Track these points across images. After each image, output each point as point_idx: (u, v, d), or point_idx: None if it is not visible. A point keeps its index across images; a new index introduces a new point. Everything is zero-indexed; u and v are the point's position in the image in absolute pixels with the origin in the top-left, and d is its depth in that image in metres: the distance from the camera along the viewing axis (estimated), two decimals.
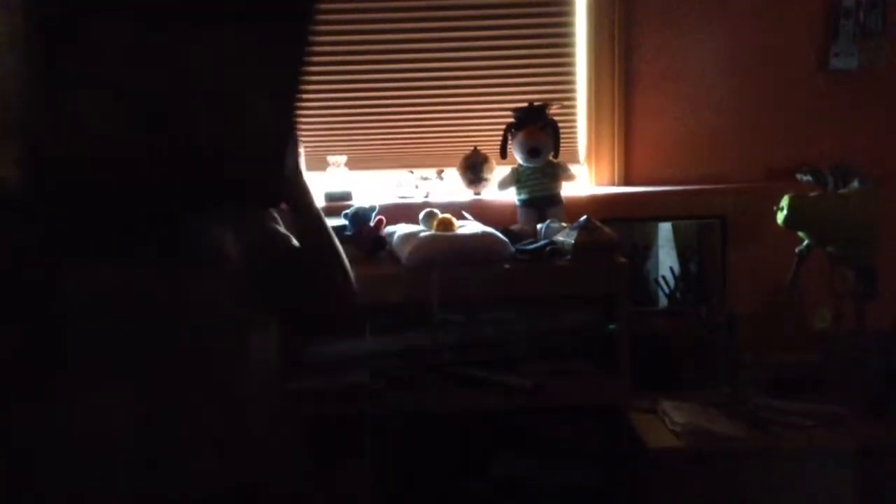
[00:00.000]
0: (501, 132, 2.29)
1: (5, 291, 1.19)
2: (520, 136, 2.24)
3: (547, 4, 2.40)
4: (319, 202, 2.32)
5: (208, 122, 1.18)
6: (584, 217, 2.03)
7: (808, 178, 2.29)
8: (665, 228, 2.44)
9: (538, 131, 2.23)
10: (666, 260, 2.42)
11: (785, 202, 2.13)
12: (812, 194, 2.18)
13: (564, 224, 2.11)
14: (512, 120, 2.27)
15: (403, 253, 1.96)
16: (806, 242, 2.21)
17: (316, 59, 2.46)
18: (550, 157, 2.26)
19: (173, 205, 1.29)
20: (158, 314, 1.26)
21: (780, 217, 2.14)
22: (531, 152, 2.22)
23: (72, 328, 1.22)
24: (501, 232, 2.03)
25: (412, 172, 2.40)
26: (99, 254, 1.24)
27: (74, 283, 1.22)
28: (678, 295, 2.33)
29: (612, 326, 2.01)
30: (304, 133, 2.43)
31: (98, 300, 1.22)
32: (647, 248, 2.43)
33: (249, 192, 1.29)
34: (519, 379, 1.97)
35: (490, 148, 2.38)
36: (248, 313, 1.34)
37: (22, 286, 1.17)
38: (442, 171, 2.42)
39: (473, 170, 2.37)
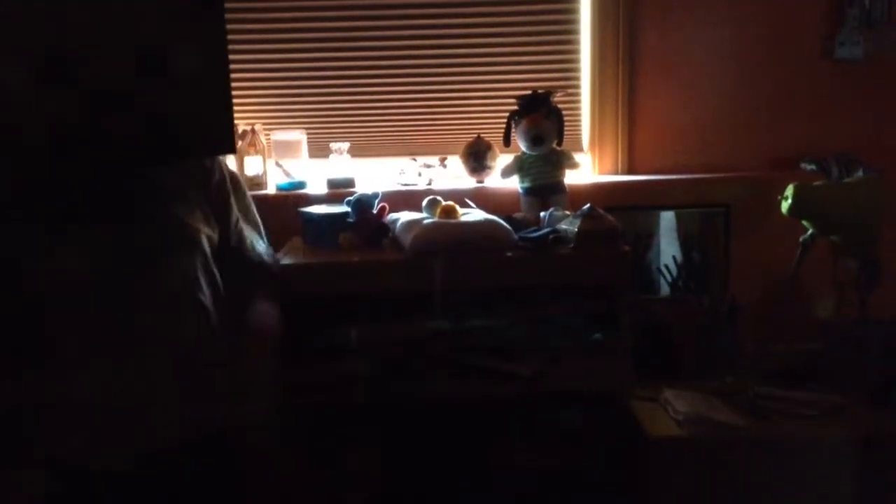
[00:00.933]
0: (505, 120, 2.28)
1: None
2: (523, 123, 2.23)
3: None
4: (322, 189, 2.34)
5: (140, 80, 1.19)
6: (588, 205, 2.02)
7: (812, 167, 2.29)
8: (667, 217, 2.44)
9: (542, 119, 2.22)
10: (668, 249, 2.42)
11: (789, 191, 2.13)
12: (816, 183, 2.18)
13: (567, 212, 2.10)
14: (515, 107, 2.26)
15: (406, 240, 1.95)
16: (810, 232, 2.20)
17: (318, 46, 2.49)
18: (554, 145, 2.25)
19: (122, 165, 1.31)
20: (120, 281, 1.29)
21: (785, 206, 2.14)
22: (535, 140, 2.21)
23: (41, 302, 1.25)
24: (504, 220, 2.02)
25: (415, 160, 2.40)
26: (57, 227, 1.26)
27: (38, 259, 1.24)
28: (681, 284, 2.33)
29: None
30: (306, 120, 2.43)
31: (62, 272, 1.25)
32: (649, 237, 2.43)
33: (195, 143, 1.32)
34: (520, 367, 1.97)
35: (493, 135, 2.37)
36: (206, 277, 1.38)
37: None
38: (445, 159, 2.42)
39: (476, 157, 2.36)
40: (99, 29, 1.16)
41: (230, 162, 2.36)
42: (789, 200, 2.13)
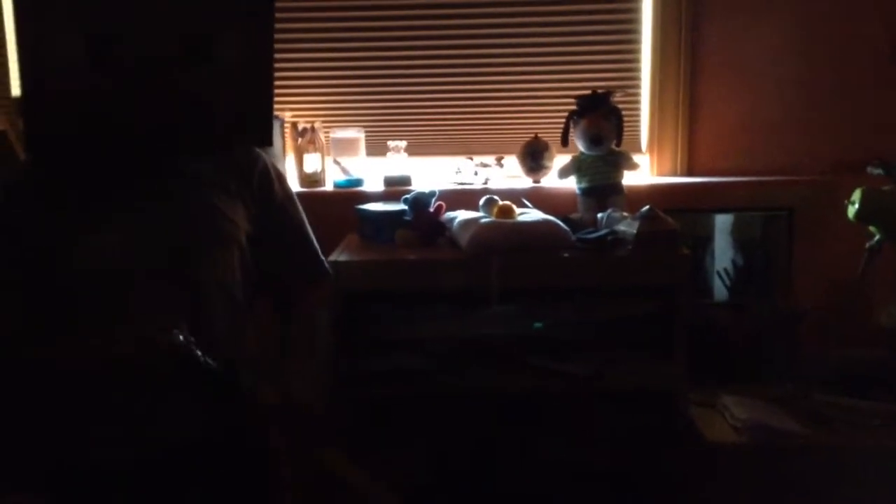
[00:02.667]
0: (563, 119, 2.27)
1: (21, 254, 1.24)
2: (582, 123, 2.21)
3: None
4: (379, 186, 2.35)
5: (185, 66, 1.20)
6: (647, 207, 2.00)
7: (879, 171, 2.22)
8: (726, 220, 2.40)
9: (601, 119, 2.20)
10: (726, 252, 2.38)
11: (857, 196, 2.08)
12: (885, 188, 2.12)
13: (625, 214, 2.08)
14: (574, 107, 2.25)
15: (463, 239, 1.96)
16: (877, 237, 2.14)
17: (378, 45, 2.51)
18: (613, 146, 2.23)
19: (160, 151, 1.32)
20: (159, 272, 1.29)
21: (852, 211, 2.09)
22: (593, 140, 2.19)
23: (80, 289, 1.26)
24: (561, 220, 2.01)
25: (472, 159, 2.39)
26: (100, 215, 1.28)
27: (80, 245, 1.26)
28: (740, 287, 2.29)
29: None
30: (365, 118, 2.45)
31: (102, 260, 1.26)
32: (707, 240, 2.39)
33: (238, 132, 1.32)
34: (575, 367, 1.96)
35: (551, 135, 2.36)
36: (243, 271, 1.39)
37: (32, 249, 1.23)
38: (501, 158, 2.41)
39: (534, 157, 2.35)
40: (148, 13, 1.18)
41: (289, 161, 2.39)
42: (856, 205, 2.07)
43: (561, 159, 2.33)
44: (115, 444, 1.30)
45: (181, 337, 1.21)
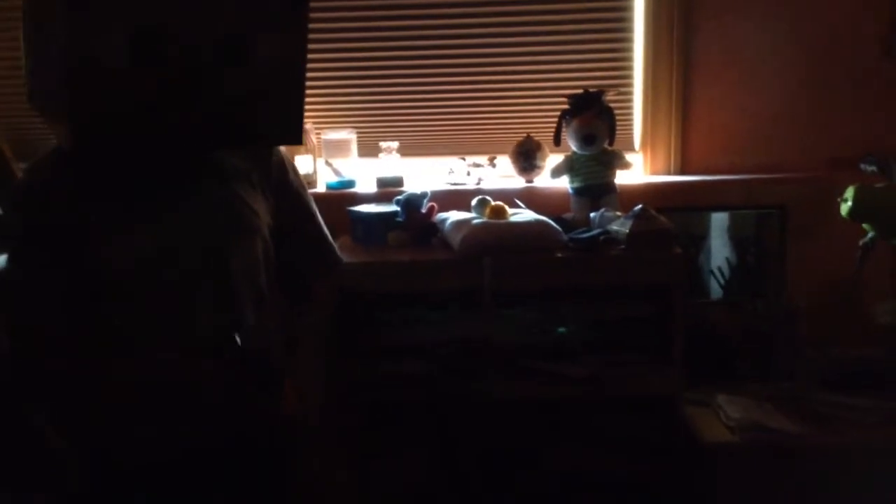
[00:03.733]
0: (555, 119, 2.26)
1: (60, 249, 1.24)
2: (574, 122, 2.20)
3: None
4: (371, 188, 2.34)
5: (226, 66, 1.21)
6: (640, 206, 1.99)
7: (872, 168, 2.22)
8: (720, 218, 2.40)
9: (594, 118, 2.19)
10: (721, 250, 2.38)
11: (850, 193, 2.08)
12: (878, 185, 2.12)
13: (618, 213, 2.08)
14: (567, 106, 2.24)
15: (456, 240, 1.95)
16: (871, 234, 2.14)
17: (368, 45, 2.49)
18: (605, 145, 2.22)
19: (195, 148, 1.33)
20: (185, 262, 1.29)
21: (845, 208, 2.09)
22: (586, 139, 2.19)
23: (107, 279, 1.26)
24: (554, 220, 2.01)
25: (464, 159, 2.38)
26: (128, 204, 1.28)
27: (108, 234, 1.26)
28: (734, 286, 2.29)
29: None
30: (356, 119, 2.43)
31: (129, 250, 1.26)
32: (701, 239, 2.39)
33: (272, 131, 1.34)
34: (572, 369, 1.95)
35: (543, 135, 2.35)
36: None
37: (70, 228, 1.23)
38: (494, 158, 2.40)
39: (526, 157, 2.34)
40: (191, 10, 1.18)
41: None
42: (849, 202, 2.07)
43: (553, 159, 2.32)
44: (154, 443, 1.30)
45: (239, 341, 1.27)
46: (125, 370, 1.29)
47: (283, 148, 1.49)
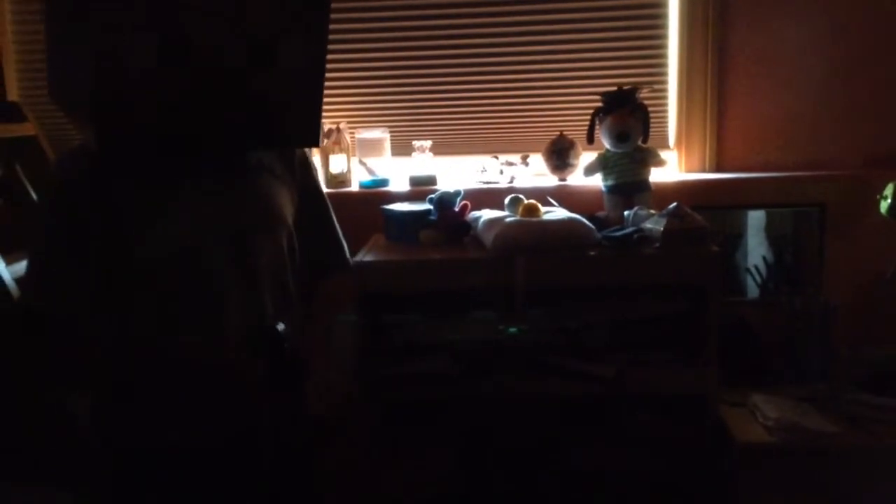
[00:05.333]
0: (588, 117, 2.25)
1: (95, 242, 1.26)
2: (608, 120, 2.19)
3: None
4: (405, 186, 2.35)
5: (252, 69, 1.23)
6: (674, 204, 1.98)
7: None
8: (756, 216, 2.36)
9: (627, 115, 2.18)
10: (757, 249, 2.35)
11: (889, 190, 2.04)
12: None
13: (652, 211, 2.06)
14: (600, 104, 2.23)
15: (488, 238, 1.95)
16: None
17: (402, 45, 2.51)
18: (639, 143, 2.21)
19: (229, 151, 1.35)
20: (214, 256, 1.31)
21: (884, 206, 2.05)
22: (620, 137, 2.17)
23: (151, 268, 1.29)
24: (587, 219, 2.00)
25: (497, 158, 2.38)
26: (159, 198, 1.30)
27: (141, 226, 1.28)
28: (771, 285, 2.26)
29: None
30: (390, 118, 2.45)
31: (161, 242, 1.28)
32: (737, 237, 2.36)
33: (293, 134, 1.36)
34: (602, 368, 1.94)
35: (576, 133, 2.34)
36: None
37: (103, 222, 1.25)
38: (527, 157, 2.40)
39: (559, 155, 2.33)
40: (217, 12, 1.20)
41: (315, 162, 2.40)
42: (889, 200, 2.04)
43: (587, 157, 2.31)
44: (182, 434, 1.32)
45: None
46: (155, 361, 1.31)
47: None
